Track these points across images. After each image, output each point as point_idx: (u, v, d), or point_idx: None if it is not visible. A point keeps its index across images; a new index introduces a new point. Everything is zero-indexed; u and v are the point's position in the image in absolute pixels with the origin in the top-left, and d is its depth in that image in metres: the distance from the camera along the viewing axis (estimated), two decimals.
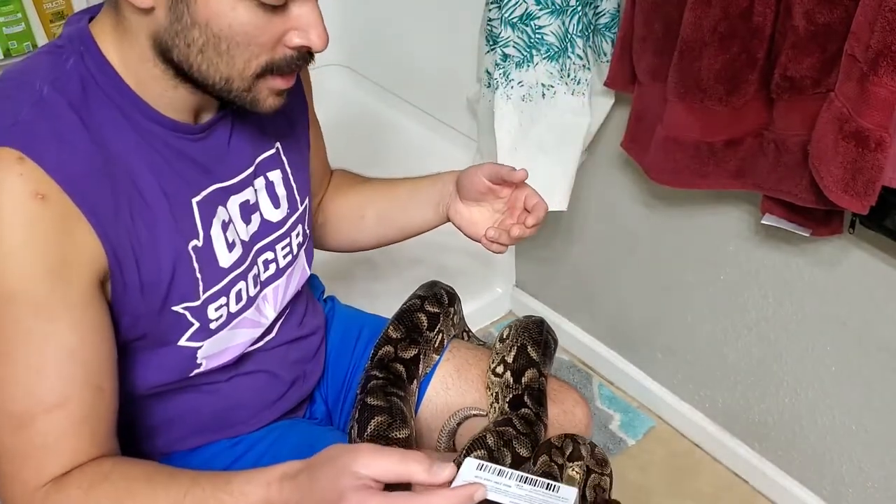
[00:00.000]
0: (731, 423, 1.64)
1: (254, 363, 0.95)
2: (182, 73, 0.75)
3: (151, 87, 0.77)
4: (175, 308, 0.82)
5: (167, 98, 0.78)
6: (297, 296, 1.00)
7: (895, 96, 0.98)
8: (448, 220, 1.05)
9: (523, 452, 0.94)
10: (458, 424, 1.06)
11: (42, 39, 1.72)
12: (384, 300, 1.29)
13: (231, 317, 0.88)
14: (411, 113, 2.03)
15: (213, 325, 0.86)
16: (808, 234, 1.26)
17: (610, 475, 1.00)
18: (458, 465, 0.89)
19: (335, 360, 1.10)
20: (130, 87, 0.77)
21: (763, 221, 1.29)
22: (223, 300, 0.86)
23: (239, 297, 0.88)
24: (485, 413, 1.06)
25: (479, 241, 1.00)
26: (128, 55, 0.76)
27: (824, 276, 1.34)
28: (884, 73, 0.97)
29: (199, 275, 0.83)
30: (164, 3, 0.71)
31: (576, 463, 0.99)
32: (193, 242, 0.82)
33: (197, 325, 0.84)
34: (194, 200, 0.82)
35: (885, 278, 1.25)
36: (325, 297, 1.17)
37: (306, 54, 0.78)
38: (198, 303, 0.83)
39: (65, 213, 0.71)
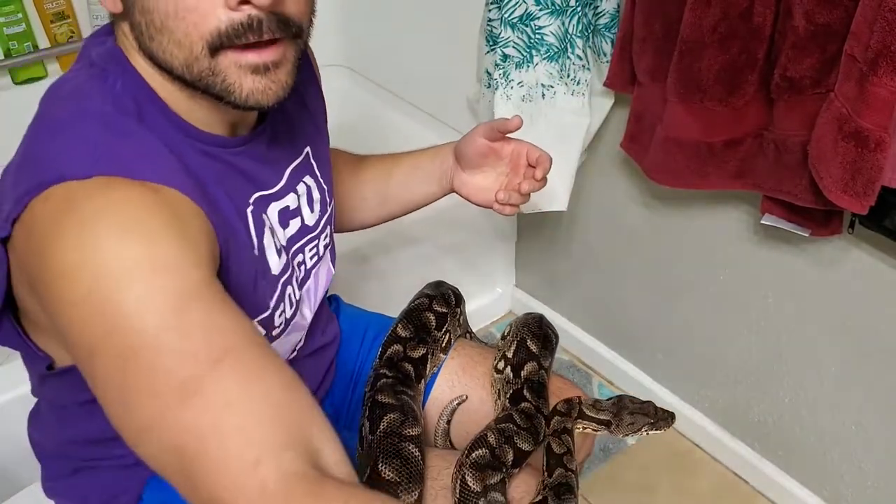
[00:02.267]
0: (731, 423, 1.64)
1: None
2: (162, 69, 0.72)
3: (177, 101, 0.75)
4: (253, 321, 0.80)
5: (196, 113, 0.75)
6: (320, 304, 1.00)
7: (895, 96, 0.98)
8: (453, 191, 1.04)
9: (525, 447, 0.94)
10: (448, 422, 1.06)
11: (42, 40, 1.72)
12: (384, 300, 1.29)
13: (287, 323, 0.87)
14: (411, 113, 2.03)
15: (275, 333, 0.85)
16: (807, 235, 1.26)
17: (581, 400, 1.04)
18: (461, 464, 0.90)
19: (341, 360, 1.11)
20: (170, 106, 0.75)
21: (763, 221, 1.30)
22: (282, 307, 0.85)
23: (291, 302, 0.87)
24: (466, 398, 1.06)
25: (491, 207, 0.98)
26: (147, 71, 0.74)
27: (824, 276, 1.34)
28: (883, 74, 0.97)
29: (263, 282, 0.81)
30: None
31: (579, 421, 1.03)
32: (254, 252, 0.80)
33: (264, 335, 0.83)
34: (248, 210, 0.81)
35: (884, 278, 1.25)
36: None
37: (259, 23, 0.67)
38: (268, 313, 0.82)
39: (191, 211, 0.69)
